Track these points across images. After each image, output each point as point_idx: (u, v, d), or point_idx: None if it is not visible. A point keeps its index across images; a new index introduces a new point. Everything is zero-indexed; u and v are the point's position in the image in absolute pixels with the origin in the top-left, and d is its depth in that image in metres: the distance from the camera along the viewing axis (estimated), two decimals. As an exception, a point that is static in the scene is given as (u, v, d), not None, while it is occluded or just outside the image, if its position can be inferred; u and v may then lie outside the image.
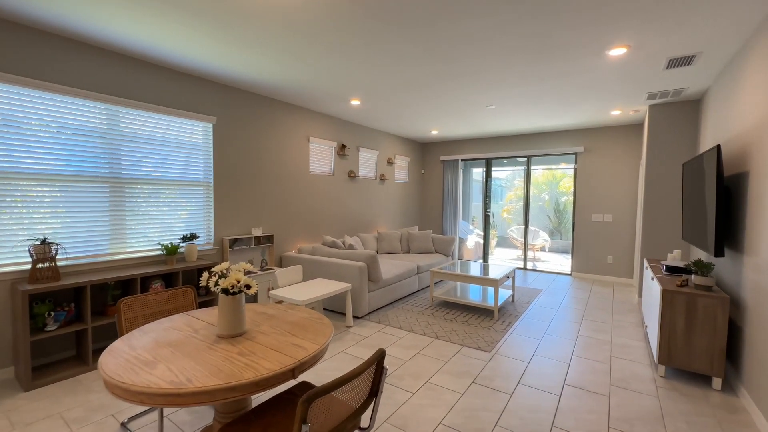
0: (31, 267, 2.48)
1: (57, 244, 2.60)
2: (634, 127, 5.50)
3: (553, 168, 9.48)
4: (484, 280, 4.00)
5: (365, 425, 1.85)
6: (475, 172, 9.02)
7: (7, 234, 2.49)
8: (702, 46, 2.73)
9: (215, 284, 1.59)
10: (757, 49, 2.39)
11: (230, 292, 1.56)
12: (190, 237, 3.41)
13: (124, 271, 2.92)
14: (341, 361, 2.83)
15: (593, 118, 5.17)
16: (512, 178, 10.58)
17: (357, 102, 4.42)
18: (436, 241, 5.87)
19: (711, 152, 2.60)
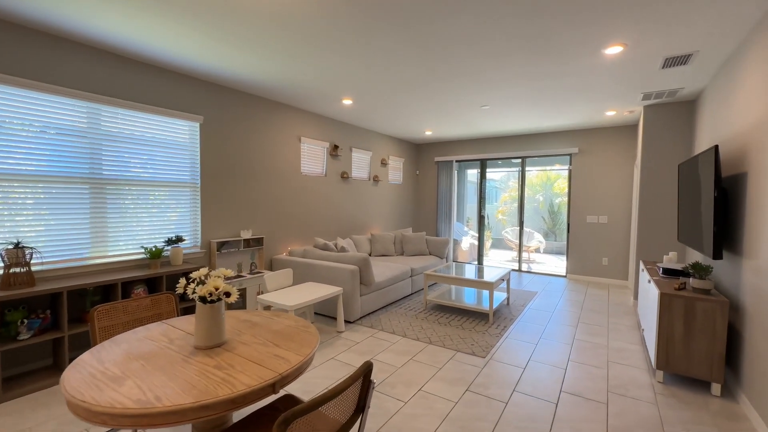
0: (3, 272, 2.36)
1: (32, 248, 2.47)
2: (629, 128, 5.47)
3: (547, 169, 9.47)
4: (479, 283, 3.92)
5: (354, 439, 1.75)
6: (470, 173, 8.97)
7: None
8: (699, 45, 2.68)
9: (192, 291, 1.49)
10: (756, 48, 2.34)
11: (208, 300, 1.46)
12: (176, 240, 3.29)
13: (104, 276, 2.80)
14: (331, 368, 2.73)
15: (588, 119, 5.13)
16: (507, 179, 10.55)
17: (349, 101, 4.33)
18: (430, 243, 5.79)
19: (708, 153, 2.55)
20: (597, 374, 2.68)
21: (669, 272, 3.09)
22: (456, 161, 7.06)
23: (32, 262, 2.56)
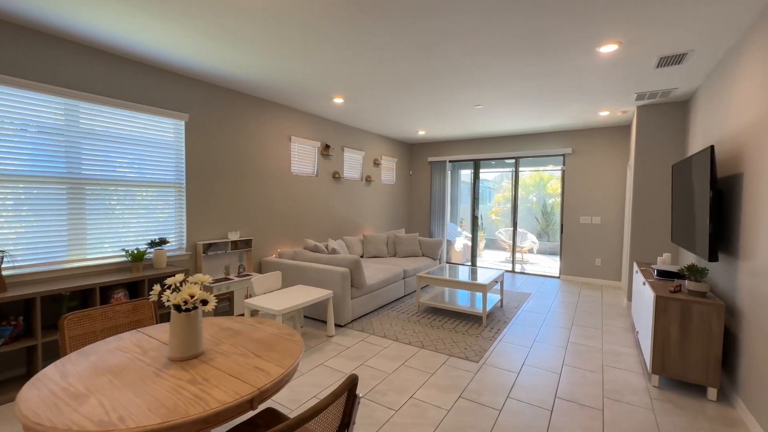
0: (-29, 277, 2.23)
1: (2, 251, 2.35)
2: (622, 128, 5.46)
3: (540, 170, 9.46)
4: (472, 285, 3.86)
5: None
6: (463, 173, 8.92)
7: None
8: (694, 44, 2.64)
9: (167, 299, 1.39)
10: (752, 47, 2.31)
11: (183, 308, 1.36)
12: (159, 242, 3.17)
13: (82, 280, 2.67)
14: (320, 375, 2.64)
15: (581, 119, 5.10)
16: (500, 179, 10.53)
17: (340, 100, 4.24)
18: (423, 244, 5.72)
19: (703, 153, 2.51)
20: (592, 379, 2.63)
21: (663, 274, 3.05)
22: (449, 161, 7.01)
23: (3, 266, 2.43)
